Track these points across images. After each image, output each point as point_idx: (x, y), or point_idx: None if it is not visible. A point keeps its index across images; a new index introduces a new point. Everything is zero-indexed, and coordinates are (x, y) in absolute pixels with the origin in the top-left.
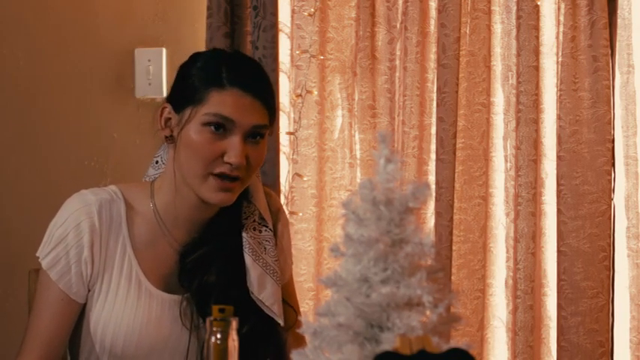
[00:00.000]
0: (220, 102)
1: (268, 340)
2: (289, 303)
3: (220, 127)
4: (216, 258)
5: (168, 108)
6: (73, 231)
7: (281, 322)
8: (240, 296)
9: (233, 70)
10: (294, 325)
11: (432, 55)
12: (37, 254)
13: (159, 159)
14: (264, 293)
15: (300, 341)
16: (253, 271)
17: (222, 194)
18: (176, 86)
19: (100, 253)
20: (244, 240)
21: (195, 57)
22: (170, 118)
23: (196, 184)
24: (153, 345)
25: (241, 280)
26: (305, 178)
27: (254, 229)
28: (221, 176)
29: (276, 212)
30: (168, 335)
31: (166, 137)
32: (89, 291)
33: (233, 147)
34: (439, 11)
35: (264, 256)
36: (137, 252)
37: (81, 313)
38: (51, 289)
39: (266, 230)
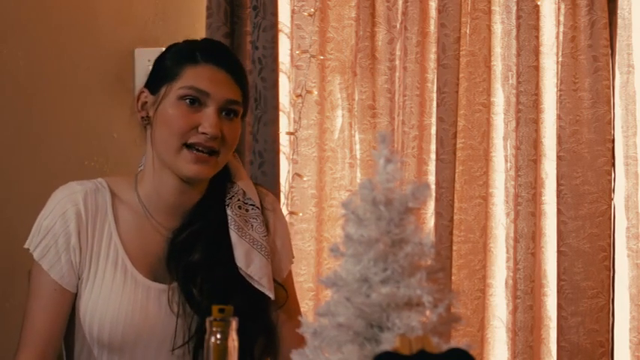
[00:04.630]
0: (195, 76)
1: (257, 318)
2: (286, 292)
3: (195, 100)
4: (201, 237)
5: (145, 92)
6: (60, 219)
7: (271, 295)
8: (226, 275)
9: (206, 49)
10: (285, 304)
11: (432, 55)
12: (26, 246)
13: None
14: (252, 267)
15: (293, 321)
16: (240, 247)
17: (197, 166)
18: (152, 72)
19: (87, 240)
20: (229, 217)
21: (170, 46)
22: (146, 102)
23: (172, 159)
24: (139, 334)
25: (228, 259)
26: (305, 178)
27: (239, 207)
28: (196, 148)
29: (271, 209)
30: (154, 324)
31: (142, 118)
32: (79, 279)
33: (208, 118)
34: (439, 11)
35: (250, 232)
36: (123, 239)
37: (74, 306)
38: (43, 281)
39: (253, 209)
